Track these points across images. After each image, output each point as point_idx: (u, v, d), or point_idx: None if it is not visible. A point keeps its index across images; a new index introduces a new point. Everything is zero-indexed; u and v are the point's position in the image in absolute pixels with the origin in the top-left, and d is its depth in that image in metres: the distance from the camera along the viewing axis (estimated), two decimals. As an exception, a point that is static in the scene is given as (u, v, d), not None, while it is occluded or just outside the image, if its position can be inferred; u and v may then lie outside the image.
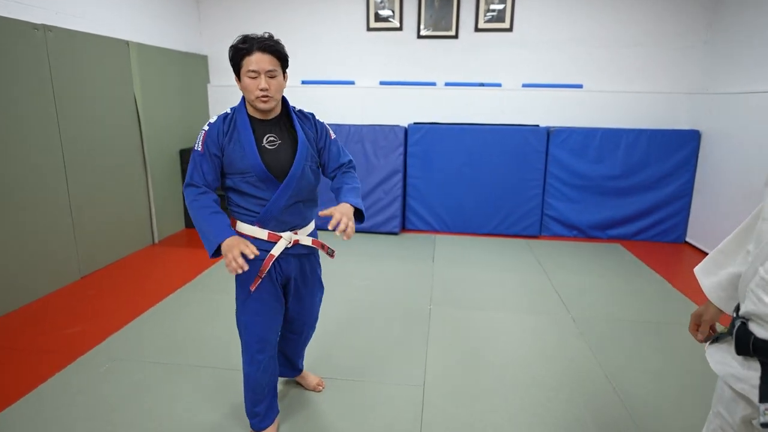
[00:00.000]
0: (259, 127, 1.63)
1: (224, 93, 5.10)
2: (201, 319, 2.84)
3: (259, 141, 1.61)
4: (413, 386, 2.23)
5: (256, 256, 1.53)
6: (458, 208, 4.71)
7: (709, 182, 4.24)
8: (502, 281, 3.53)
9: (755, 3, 3.80)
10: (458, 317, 2.94)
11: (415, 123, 4.72)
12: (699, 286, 1.26)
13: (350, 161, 1.83)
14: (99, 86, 3.53)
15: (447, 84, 4.86)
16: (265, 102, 1.56)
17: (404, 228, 4.84)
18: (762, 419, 0.95)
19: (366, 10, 4.81)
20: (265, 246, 1.66)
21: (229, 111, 1.64)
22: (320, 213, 1.64)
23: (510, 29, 4.69)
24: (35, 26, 2.96)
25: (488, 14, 4.68)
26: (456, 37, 4.77)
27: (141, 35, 4.06)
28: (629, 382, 2.29)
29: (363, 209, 1.68)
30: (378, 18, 4.82)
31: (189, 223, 4.73)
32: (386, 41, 4.87)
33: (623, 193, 4.52)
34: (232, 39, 1.57)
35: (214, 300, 3.09)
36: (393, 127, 4.57)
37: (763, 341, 0.98)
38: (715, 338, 1.17)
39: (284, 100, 1.69)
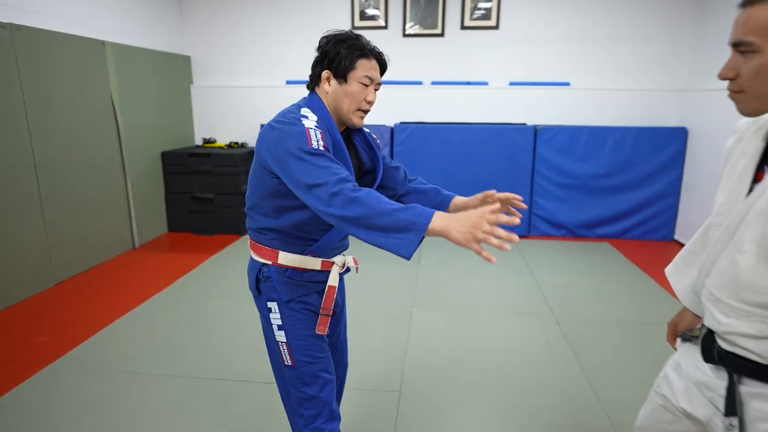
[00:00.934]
0: None
1: (208, 94, 5.02)
2: (175, 326, 2.76)
3: None
4: (389, 392, 2.16)
5: (310, 289, 1.36)
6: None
7: (697, 179, 4.19)
8: (488, 282, 3.46)
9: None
10: (440, 320, 2.87)
11: (401, 122, 4.65)
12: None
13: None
14: (72, 87, 3.43)
15: (433, 83, 4.80)
16: (362, 118, 1.32)
17: (391, 229, 4.76)
18: None
19: (351, 9, 4.74)
20: (318, 277, 1.38)
21: (307, 115, 1.24)
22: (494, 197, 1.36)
23: (496, 27, 4.63)
24: (1, 25, 2.88)
25: (475, 12, 4.62)
26: (442, 35, 4.71)
27: (119, 35, 3.97)
28: (612, 386, 2.22)
29: None
30: (363, 16, 4.75)
31: (172, 227, 4.64)
32: (372, 40, 4.79)
33: (611, 191, 4.46)
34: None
35: (190, 305, 3.01)
36: (378, 127, 4.50)
37: (726, 351, 0.91)
38: (689, 337, 1.11)
39: None
